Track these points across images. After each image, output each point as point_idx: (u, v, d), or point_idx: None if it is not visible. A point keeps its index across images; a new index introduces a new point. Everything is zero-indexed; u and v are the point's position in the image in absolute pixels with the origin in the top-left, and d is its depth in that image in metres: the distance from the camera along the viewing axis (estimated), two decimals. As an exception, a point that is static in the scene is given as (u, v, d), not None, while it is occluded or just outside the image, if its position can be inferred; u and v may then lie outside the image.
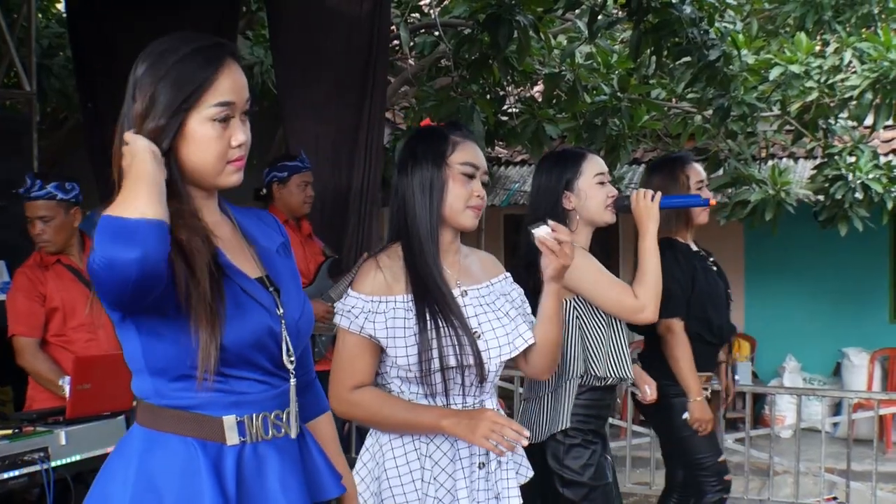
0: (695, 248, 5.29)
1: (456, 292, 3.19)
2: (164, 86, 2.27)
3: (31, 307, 5.22)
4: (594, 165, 4.35)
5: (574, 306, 4.23)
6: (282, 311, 2.41)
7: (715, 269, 5.34)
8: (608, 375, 4.23)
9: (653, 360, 5.09)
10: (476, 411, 3.08)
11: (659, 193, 4.30)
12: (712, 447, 5.19)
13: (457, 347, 3.04)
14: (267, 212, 2.72)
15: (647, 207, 4.24)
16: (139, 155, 2.16)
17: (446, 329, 3.05)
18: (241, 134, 2.34)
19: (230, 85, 2.33)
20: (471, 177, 3.19)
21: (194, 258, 2.23)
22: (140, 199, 2.07)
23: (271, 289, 2.43)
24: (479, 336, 3.13)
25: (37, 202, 5.28)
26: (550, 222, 3.16)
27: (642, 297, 4.14)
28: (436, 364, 3.02)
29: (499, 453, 3.02)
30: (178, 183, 2.31)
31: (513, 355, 3.22)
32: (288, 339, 2.41)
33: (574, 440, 4.16)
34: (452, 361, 3.03)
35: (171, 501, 2.24)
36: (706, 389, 5.18)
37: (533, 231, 3.16)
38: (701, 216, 5.23)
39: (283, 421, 2.41)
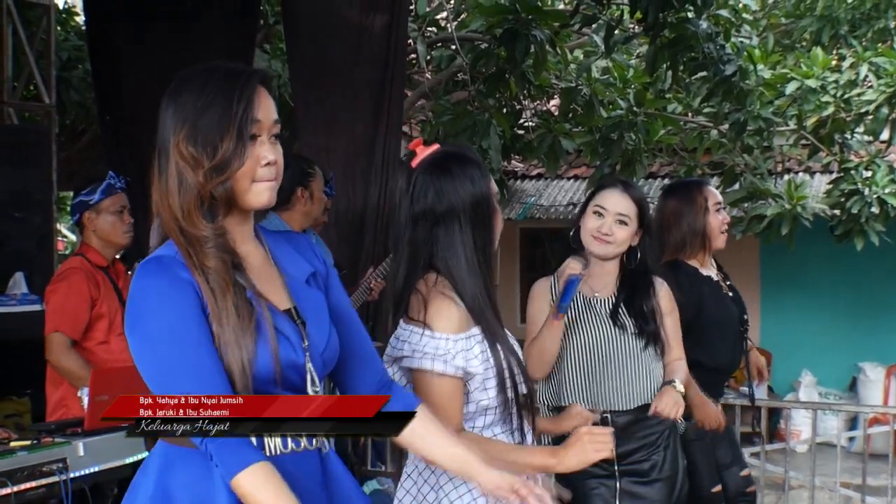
0: (707, 272, 5.23)
1: None
2: (210, 116, 2.32)
3: (79, 308, 5.21)
4: (600, 197, 4.32)
5: None
6: (307, 343, 2.41)
7: (731, 294, 5.30)
8: (545, 401, 4.22)
9: None
10: (569, 439, 3.04)
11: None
12: (711, 476, 5.15)
13: (522, 376, 3.01)
14: (304, 236, 2.70)
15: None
16: None
17: (512, 359, 3.00)
18: (269, 153, 2.37)
19: (257, 104, 2.36)
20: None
21: (217, 283, 2.29)
22: None
23: (298, 321, 2.43)
24: None
25: (122, 194, 5.34)
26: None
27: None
28: (510, 394, 2.96)
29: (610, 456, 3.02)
30: (216, 209, 2.36)
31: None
32: (313, 370, 2.42)
33: None
34: (524, 389, 3.00)
35: None
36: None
37: None
38: (718, 241, 5.20)
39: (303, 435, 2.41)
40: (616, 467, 4.30)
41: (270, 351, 2.30)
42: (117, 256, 5.47)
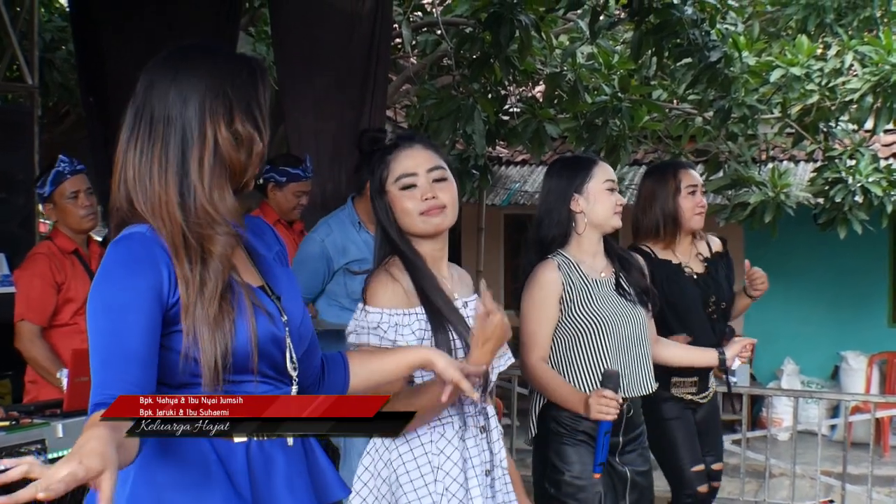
0: (666, 257, 5.18)
1: (458, 304, 3.18)
2: (248, 96, 2.33)
3: (45, 294, 5.23)
4: (605, 172, 4.35)
5: None
6: (286, 318, 2.40)
7: (695, 277, 5.25)
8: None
9: None
10: None
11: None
12: (693, 455, 5.12)
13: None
14: (261, 220, 2.68)
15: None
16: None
17: (461, 341, 3.06)
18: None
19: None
20: (411, 186, 3.14)
21: (215, 271, 2.25)
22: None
23: (273, 296, 2.41)
24: None
25: (81, 175, 5.38)
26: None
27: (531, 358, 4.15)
28: None
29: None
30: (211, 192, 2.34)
31: (503, 368, 3.19)
32: (291, 347, 2.40)
33: (561, 438, 4.14)
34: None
35: (175, 493, 2.23)
36: (694, 393, 5.16)
37: None
38: (692, 223, 5.18)
39: None
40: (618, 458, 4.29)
41: (248, 327, 2.26)
42: (99, 238, 5.46)
